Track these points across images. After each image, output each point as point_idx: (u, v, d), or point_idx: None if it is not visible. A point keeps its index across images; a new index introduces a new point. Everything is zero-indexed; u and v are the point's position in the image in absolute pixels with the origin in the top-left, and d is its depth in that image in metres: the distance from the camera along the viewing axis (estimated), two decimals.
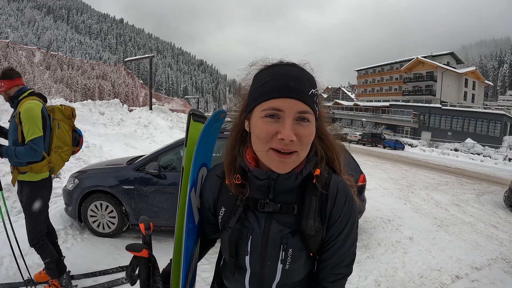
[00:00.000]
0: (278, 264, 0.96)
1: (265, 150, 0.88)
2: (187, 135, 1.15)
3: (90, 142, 9.18)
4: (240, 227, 0.99)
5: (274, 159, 0.87)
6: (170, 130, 15.02)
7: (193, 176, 1.09)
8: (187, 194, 1.06)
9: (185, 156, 1.13)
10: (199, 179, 1.16)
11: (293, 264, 0.96)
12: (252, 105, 0.92)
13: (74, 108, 3.19)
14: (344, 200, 0.98)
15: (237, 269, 1.03)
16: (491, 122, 38.69)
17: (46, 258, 2.96)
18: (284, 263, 0.96)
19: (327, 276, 1.01)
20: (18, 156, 2.62)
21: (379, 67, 63.43)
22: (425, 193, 9.79)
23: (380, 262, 4.53)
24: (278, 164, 0.88)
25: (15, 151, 2.60)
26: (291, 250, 0.95)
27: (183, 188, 1.11)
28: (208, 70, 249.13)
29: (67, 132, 3.03)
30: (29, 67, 24.43)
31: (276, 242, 0.96)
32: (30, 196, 2.83)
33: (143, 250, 1.03)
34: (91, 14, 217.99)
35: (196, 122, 1.19)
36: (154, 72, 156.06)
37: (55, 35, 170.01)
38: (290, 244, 0.96)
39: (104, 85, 28.70)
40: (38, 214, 2.88)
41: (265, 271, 0.98)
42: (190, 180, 1.08)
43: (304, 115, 0.86)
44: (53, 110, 2.93)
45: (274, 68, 0.91)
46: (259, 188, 0.98)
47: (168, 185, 4.54)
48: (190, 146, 1.14)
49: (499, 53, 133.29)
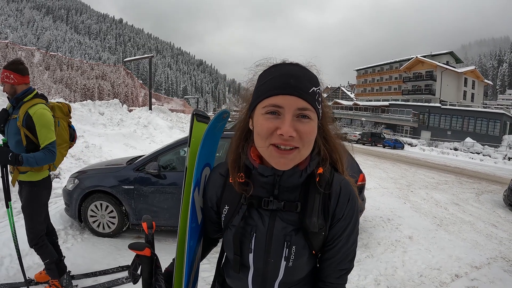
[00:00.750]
0: (282, 261, 0.98)
1: (265, 146, 0.89)
2: (190, 135, 1.16)
3: (89, 142, 9.18)
4: (244, 225, 1.00)
5: (274, 155, 0.88)
6: (169, 130, 15.02)
7: (197, 175, 1.10)
8: (190, 194, 1.07)
9: (188, 156, 1.14)
10: (203, 178, 1.17)
11: (296, 261, 0.98)
12: (254, 103, 0.94)
13: (70, 105, 3.21)
14: (348, 198, 1.00)
15: (241, 267, 1.03)
16: (490, 121, 38.73)
17: (46, 259, 2.94)
18: (288, 260, 0.97)
19: (332, 273, 1.04)
20: (39, 162, 2.60)
21: (379, 67, 63.47)
22: (425, 192, 9.81)
23: (380, 261, 4.54)
24: (278, 160, 0.89)
25: (35, 159, 2.58)
26: (294, 247, 0.97)
27: (187, 187, 1.12)
28: (208, 70, 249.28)
29: (65, 129, 3.05)
30: (28, 67, 24.47)
31: (280, 239, 0.97)
32: (30, 196, 2.80)
33: (145, 249, 1.04)
34: (91, 14, 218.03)
35: (200, 122, 1.20)
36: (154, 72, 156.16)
37: (54, 35, 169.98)
38: (294, 242, 0.97)
39: (104, 85, 28.75)
40: (37, 214, 2.86)
41: (269, 269, 0.99)
42: (194, 180, 1.09)
43: (304, 112, 0.87)
44: (53, 108, 2.92)
45: (276, 68, 0.93)
46: (263, 186, 1.00)
47: (168, 185, 4.54)
48: (193, 146, 1.15)
49: (498, 52, 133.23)
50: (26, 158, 2.55)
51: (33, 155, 2.58)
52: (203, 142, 1.10)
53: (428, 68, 50.56)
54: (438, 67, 48.93)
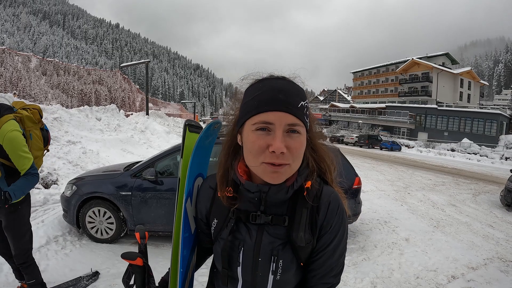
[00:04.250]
0: (269, 275, 0.98)
1: (258, 164, 0.90)
2: (183, 146, 1.17)
3: (87, 148, 9.19)
4: (232, 238, 1.01)
5: (267, 170, 0.89)
6: (167, 135, 15.04)
7: (189, 186, 1.12)
8: (183, 204, 1.09)
9: (181, 166, 1.16)
10: (195, 189, 1.18)
11: (284, 275, 0.97)
12: (243, 119, 0.94)
13: (40, 108, 2.91)
14: (336, 212, 0.99)
15: (229, 279, 1.04)
16: (487, 122, 38.90)
17: (31, 279, 2.80)
18: (275, 274, 0.97)
19: (316, 285, 1.02)
20: (25, 190, 2.46)
21: (375, 69, 63.72)
22: (422, 194, 9.85)
23: (376, 264, 4.56)
24: (272, 175, 0.89)
25: (22, 189, 2.41)
26: (281, 261, 0.96)
27: (180, 198, 1.13)
28: (204, 74, 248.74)
29: (39, 137, 2.81)
30: (25, 72, 24.41)
31: (267, 253, 0.97)
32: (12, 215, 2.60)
33: (137, 258, 1.06)
34: (87, 19, 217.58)
35: (192, 132, 1.22)
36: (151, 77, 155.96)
37: (51, 40, 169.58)
38: (281, 256, 0.97)
39: (101, 90, 28.69)
40: (22, 233, 2.70)
41: (257, 282, 0.99)
42: (186, 190, 1.10)
43: (294, 127, 0.88)
44: (21, 120, 2.64)
45: (263, 82, 0.93)
46: (250, 201, 1.00)
47: (165, 191, 4.57)
48: (186, 156, 1.17)
49: (494, 53, 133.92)
50: (13, 193, 2.35)
51: (17, 186, 2.39)
52: (194, 153, 1.12)
53: (424, 69, 50.78)
54: (434, 68, 49.17)
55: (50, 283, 3.39)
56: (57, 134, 9.17)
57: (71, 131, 10.18)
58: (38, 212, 5.28)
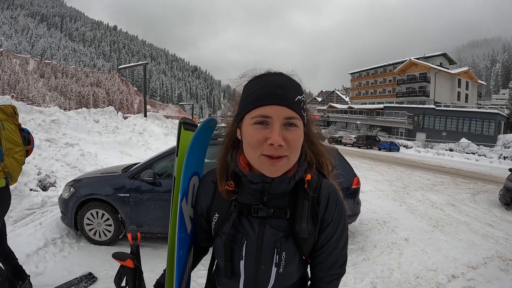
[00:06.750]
0: (273, 268, 0.99)
1: (256, 156, 0.91)
2: (178, 144, 1.16)
3: (85, 150, 9.14)
4: (235, 232, 1.01)
5: (265, 163, 0.90)
6: (165, 137, 14.99)
7: (184, 185, 1.10)
8: (178, 204, 1.08)
9: (176, 165, 1.15)
10: (191, 188, 1.17)
11: (287, 267, 0.99)
12: (242, 113, 0.96)
13: (15, 106, 2.86)
14: (336, 203, 1.03)
15: (232, 274, 1.04)
16: (485, 121, 38.97)
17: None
18: (278, 266, 0.99)
19: (323, 277, 1.06)
20: None
21: (373, 70, 63.77)
22: (421, 194, 9.84)
23: (376, 264, 4.55)
24: (270, 168, 0.91)
25: None
26: (284, 253, 0.98)
27: (175, 197, 1.12)
28: (202, 76, 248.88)
29: (14, 132, 2.71)
30: (23, 75, 24.40)
31: (270, 246, 0.99)
32: None
33: (127, 260, 1.05)
34: (85, 21, 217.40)
35: (187, 130, 1.20)
36: (148, 79, 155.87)
37: (48, 43, 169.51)
38: (284, 248, 0.98)
39: (99, 92, 28.74)
40: None
41: (260, 276, 1.00)
42: (181, 190, 1.09)
43: (291, 120, 0.90)
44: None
45: (261, 78, 0.95)
46: (252, 193, 1.01)
47: (164, 192, 4.54)
48: (181, 155, 1.15)
49: (491, 53, 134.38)
50: None
51: None
52: (190, 151, 1.11)
53: (422, 70, 50.82)
54: (431, 69, 49.23)
55: (48, 286, 3.38)
56: (55, 137, 9.13)
57: (69, 133, 10.13)
58: (36, 215, 5.25)
